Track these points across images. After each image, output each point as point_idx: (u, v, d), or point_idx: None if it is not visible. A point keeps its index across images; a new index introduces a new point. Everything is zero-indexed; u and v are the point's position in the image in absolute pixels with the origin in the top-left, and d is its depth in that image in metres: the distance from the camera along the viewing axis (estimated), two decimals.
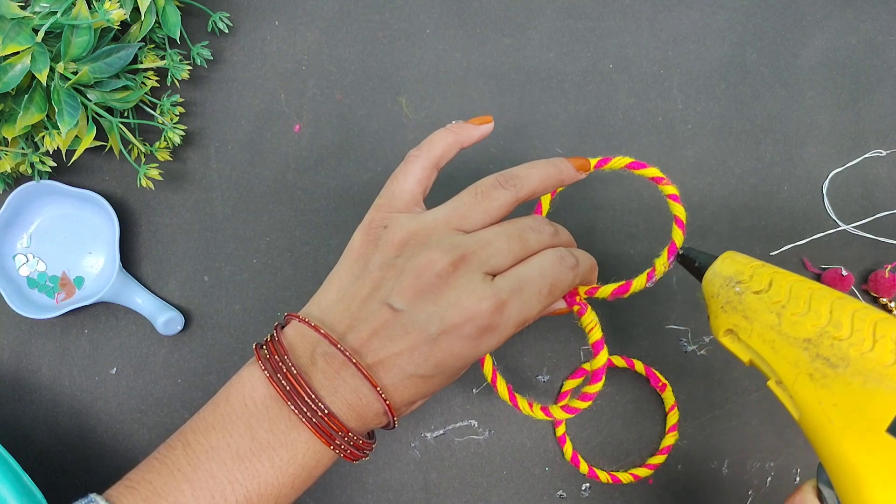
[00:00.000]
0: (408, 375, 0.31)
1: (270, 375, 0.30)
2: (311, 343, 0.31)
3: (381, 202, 0.34)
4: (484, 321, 0.30)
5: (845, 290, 0.45)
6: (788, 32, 0.49)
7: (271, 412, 0.30)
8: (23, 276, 0.46)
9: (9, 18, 0.38)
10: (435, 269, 0.30)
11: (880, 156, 0.48)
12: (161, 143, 0.46)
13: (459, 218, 0.33)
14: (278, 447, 0.30)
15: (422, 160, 0.35)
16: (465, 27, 0.49)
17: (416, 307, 0.30)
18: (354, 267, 0.33)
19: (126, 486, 0.30)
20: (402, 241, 0.32)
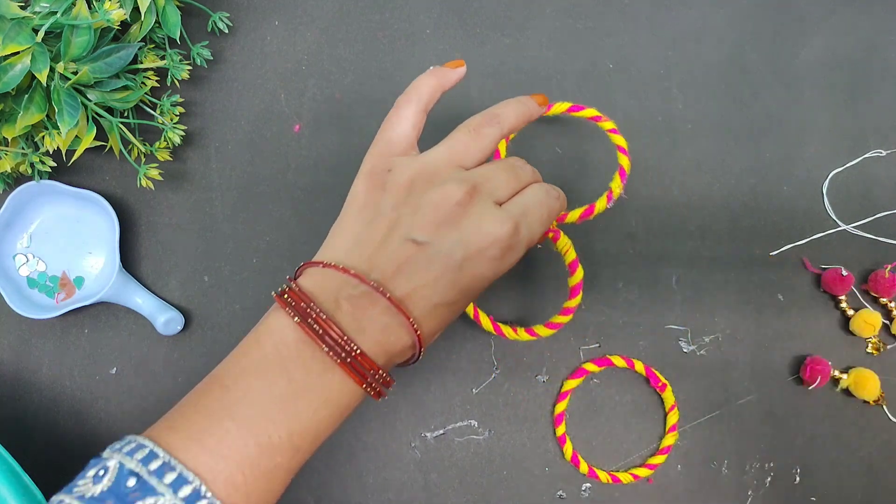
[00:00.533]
0: (434, 305, 0.33)
1: (301, 321, 0.31)
2: (332, 289, 0.32)
3: (378, 149, 0.36)
4: (505, 242, 0.33)
5: (845, 290, 0.45)
6: (788, 32, 0.49)
7: (304, 355, 0.31)
8: (23, 276, 0.46)
9: (9, 18, 0.38)
10: (453, 200, 0.32)
11: (880, 156, 0.48)
12: (161, 143, 0.46)
13: (459, 155, 0.35)
14: (314, 388, 0.31)
15: (413, 104, 0.36)
16: (465, 27, 0.49)
17: (439, 237, 0.32)
18: (364, 213, 0.34)
19: (166, 427, 0.30)
20: (409, 181, 0.34)
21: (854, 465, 0.45)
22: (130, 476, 0.28)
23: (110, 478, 0.28)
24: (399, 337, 0.32)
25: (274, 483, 0.31)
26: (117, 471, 0.28)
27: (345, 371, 0.31)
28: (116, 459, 0.29)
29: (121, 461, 0.29)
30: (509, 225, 0.33)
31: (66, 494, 0.28)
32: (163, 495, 0.27)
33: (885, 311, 0.46)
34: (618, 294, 0.47)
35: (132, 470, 0.28)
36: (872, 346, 0.46)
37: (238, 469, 0.29)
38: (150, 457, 0.29)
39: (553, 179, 0.45)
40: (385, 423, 0.45)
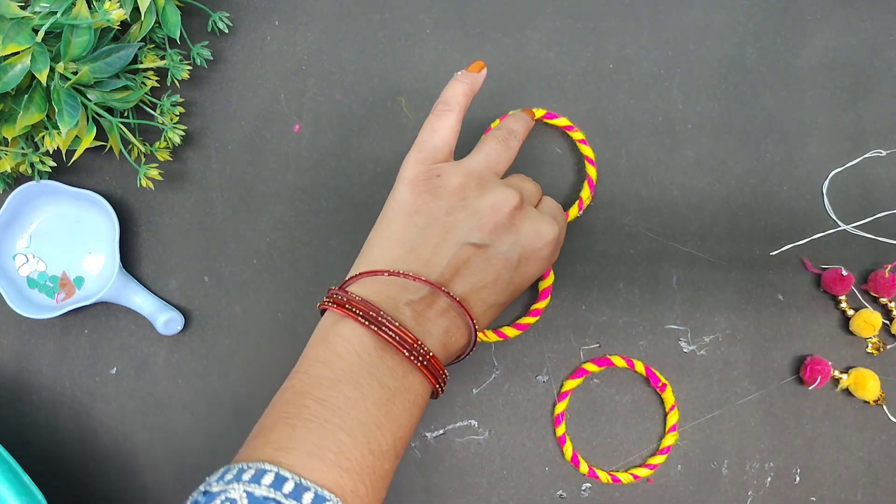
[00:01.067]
0: (489, 306, 0.35)
1: (377, 329, 0.31)
2: (391, 295, 0.33)
3: (422, 156, 0.36)
4: (556, 242, 0.36)
5: (845, 290, 0.45)
6: (788, 32, 0.49)
7: (387, 361, 0.32)
8: (23, 276, 0.46)
9: (9, 18, 0.38)
10: (511, 204, 0.35)
11: (880, 156, 0.48)
12: (161, 143, 0.46)
13: (494, 163, 0.37)
14: (404, 391, 0.32)
15: (455, 113, 0.37)
16: (465, 27, 0.49)
17: (498, 240, 0.34)
18: (417, 218, 0.35)
19: (274, 447, 0.29)
20: (460, 186, 0.35)
21: (854, 465, 0.45)
22: (267, 503, 0.26)
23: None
24: (458, 338, 0.34)
25: (383, 492, 0.31)
26: (247, 501, 0.27)
27: (423, 373, 0.32)
28: (240, 490, 0.27)
29: (247, 490, 0.27)
30: (558, 226, 0.36)
31: None
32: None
33: (885, 311, 0.46)
34: (618, 294, 0.47)
35: (267, 497, 0.27)
36: (872, 346, 0.46)
37: (360, 480, 0.29)
38: (280, 480, 0.27)
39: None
40: None
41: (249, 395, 0.46)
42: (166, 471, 0.45)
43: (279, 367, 0.46)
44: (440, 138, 0.37)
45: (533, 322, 0.45)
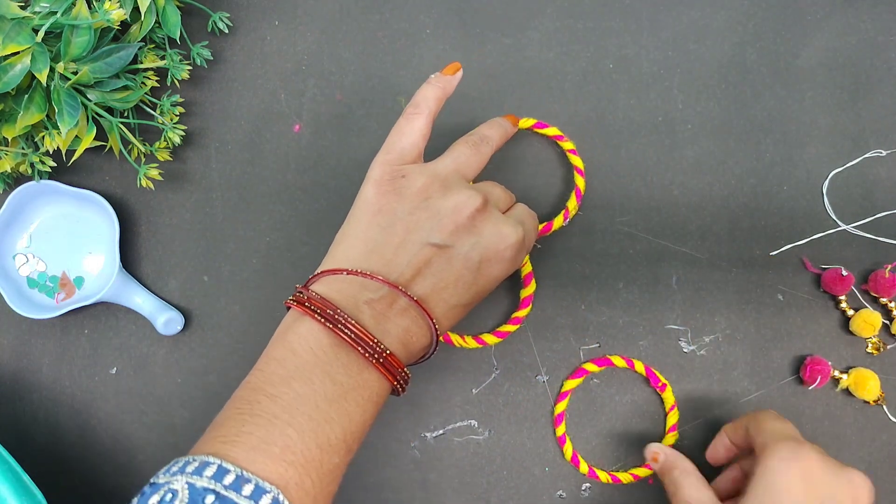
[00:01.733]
0: (451, 307, 0.35)
1: (332, 326, 0.32)
2: (350, 294, 0.33)
3: (389, 157, 0.37)
4: (518, 245, 0.36)
5: (845, 290, 0.45)
6: (788, 32, 0.49)
7: (342, 358, 0.32)
8: (23, 276, 0.46)
9: (9, 18, 0.38)
10: (472, 207, 0.35)
11: (880, 156, 0.48)
12: (161, 143, 0.46)
13: (463, 167, 0.38)
14: (357, 388, 0.32)
15: (424, 116, 0.38)
16: (465, 27, 0.49)
17: (458, 241, 0.35)
18: (379, 218, 0.35)
19: (221, 441, 0.30)
20: (424, 187, 0.35)
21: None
22: (207, 494, 0.27)
23: (182, 499, 0.27)
24: (419, 337, 0.34)
25: (333, 484, 0.32)
26: (188, 491, 0.27)
27: (379, 370, 0.33)
28: (182, 481, 0.28)
29: (188, 482, 0.28)
30: (520, 229, 0.36)
31: None
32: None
33: (885, 311, 0.46)
34: (618, 294, 0.47)
35: (206, 487, 0.27)
36: (872, 346, 0.46)
37: (306, 473, 0.30)
38: (221, 472, 0.28)
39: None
40: (385, 423, 0.45)
41: None
42: None
43: None
44: (408, 140, 0.37)
45: (513, 330, 0.45)
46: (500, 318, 0.47)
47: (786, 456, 0.34)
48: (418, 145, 0.38)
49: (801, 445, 0.35)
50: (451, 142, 0.45)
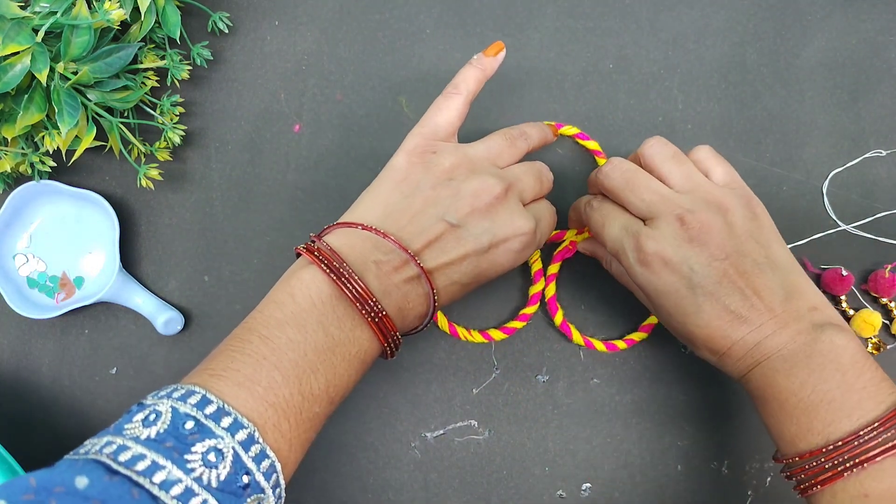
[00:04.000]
0: (452, 282, 0.36)
1: (336, 279, 0.33)
2: (361, 251, 0.34)
3: (425, 131, 0.38)
4: (528, 237, 0.37)
5: (845, 289, 0.45)
6: (788, 32, 0.49)
7: (338, 311, 0.33)
8: (23, 276, 0.46)
9: (9, 18, 0.38)
10: (493, 193, 0.36)
11: (880, 156, 0.48)
12: (161, 143, 0.46)
13: (495, 156, 0.38)
14: (347, 343, 0.33)
15: (462, 97, 0.39)
16: (465, 27, 0.49)
17: (472, 223, 0.35)
18: (403, 186, 0.36)
19: (209, 374, 0.31)
20: (452, 167, 0.37)
21: None
22: (187, 419, 0.28)
23: (164, 421, 0.28)
24: (416, 306, 0.35)
25: (311, 432, 0.32)
26: (171, 414, 0.29)
27: (372, 329, 0.33)
28: (167, 404, 0.29)
29: (173, 406, 0.29)
30: (532, 223, 0.37)
31: (116, 436, 0.28)
32: (221, 438, 0.28)
33: (885, 311, 0.46)
34: (618, 294, 0.47)
35: (188, 413, 0.29)
36: (872, 346, 0.46)
37: (284, 417, 0.31)
38: (204, 402, 0.29)
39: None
40: (385, 424, 0.45)
41: None
42: None
43: None
44: (444, 118, 0.38)
45: (521, 327, 0.45)
46: (507, 314, 0.46)
47: (638, 269, 0.37)
48: (454, 124, 0.39)
49: (637, 244, 0.36)
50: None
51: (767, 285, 0.35)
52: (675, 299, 0.36)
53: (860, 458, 0.31)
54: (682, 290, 0.35)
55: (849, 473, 0.31)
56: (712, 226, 0.35)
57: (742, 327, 0.34)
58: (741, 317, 0.34)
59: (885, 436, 0.30)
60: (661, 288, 0.36)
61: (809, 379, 0.33)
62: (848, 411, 0.32)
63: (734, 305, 0.34)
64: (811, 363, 0.33)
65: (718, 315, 0.35)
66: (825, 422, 0.32)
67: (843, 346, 0.33)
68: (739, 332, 0.34)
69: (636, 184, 0.37)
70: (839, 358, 0.33)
